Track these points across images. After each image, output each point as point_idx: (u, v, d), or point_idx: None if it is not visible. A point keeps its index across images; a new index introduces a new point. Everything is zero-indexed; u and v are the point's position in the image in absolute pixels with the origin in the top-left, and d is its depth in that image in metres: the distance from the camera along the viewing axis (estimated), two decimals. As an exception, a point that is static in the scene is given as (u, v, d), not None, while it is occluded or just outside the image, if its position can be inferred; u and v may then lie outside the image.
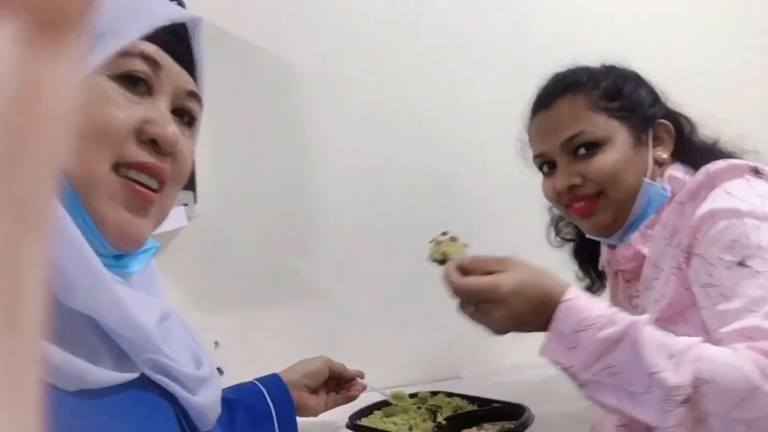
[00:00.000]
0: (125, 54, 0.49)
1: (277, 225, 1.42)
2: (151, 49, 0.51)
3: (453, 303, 1.54)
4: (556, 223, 1.12)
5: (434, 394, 1.14)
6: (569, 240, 1.11)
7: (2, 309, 0.15)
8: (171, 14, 0.52)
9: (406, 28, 1.49)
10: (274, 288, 1.42)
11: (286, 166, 1.43)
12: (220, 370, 1.24)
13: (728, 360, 0.65)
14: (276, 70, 1.40)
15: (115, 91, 0.49)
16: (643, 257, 0.88)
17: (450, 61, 1.52)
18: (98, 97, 0.48)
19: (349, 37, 1.45)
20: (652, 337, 0.69)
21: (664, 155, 0.91)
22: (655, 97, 0.94)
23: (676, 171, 0.89)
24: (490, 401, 1.08)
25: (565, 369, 0.74)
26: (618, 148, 0.89)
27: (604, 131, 0.89)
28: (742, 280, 0.71)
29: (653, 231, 0.88)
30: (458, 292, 0.80)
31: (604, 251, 1.00)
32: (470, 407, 1.08)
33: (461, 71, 1.53)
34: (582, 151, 0.89)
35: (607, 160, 0.88)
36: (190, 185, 1.24)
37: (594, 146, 0.89)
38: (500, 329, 0.79)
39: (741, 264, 0.72)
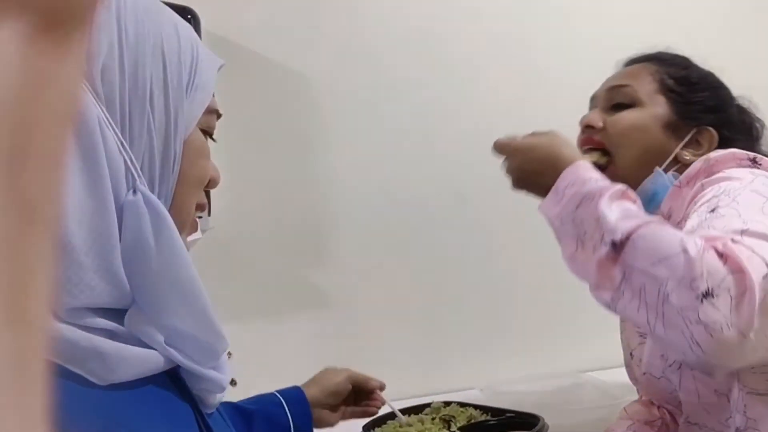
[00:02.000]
0: (209, 111, 0.55)
1: (290, 236, 1.43)
2: (216, 103, 0.57)
3: (468, 315, 1.54)
4: None
5: (447, 404, 1.14)
6: None
7: (9, 305, 0.15)
8: (218, 61, 0.57)
9: (418, 42, 1.50)
10: (287, 299, 1.43)
11: (299, 177, 1.44)
12: (233, 382, 1.25)
13: (672, 230, 0.66)
14: (289, 84, 1.42)
15: (206, 143, 0.55)
16: None
17: (462, 70, 1.53)
18: (201, 150, 0.54)
19: (363, 51, 1.46)
20: (621, 199, 0.70)
21: (689, 158, 0.89)
22: (721, 107, 0.93)
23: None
24: (504, 411, 1.08)
25: (549, 219, 0.77)
26: (645, 116, 0.90)
27: (645, 96, 0.91)
28: (707, 221, 0.71)
29: None
30: (495, 146, 0.87)
31: None
32: (484, 417, 1.08)
33: (473, 81, 1.54)
34: (619, 106, 0.92)
35: (626, 117, 0.90)
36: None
37: (629, 105, 0.91)
38: (513, 180, 0.85)
39: (712, 211, 0.72)
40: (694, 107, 0.91)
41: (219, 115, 0.57)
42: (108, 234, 0.45)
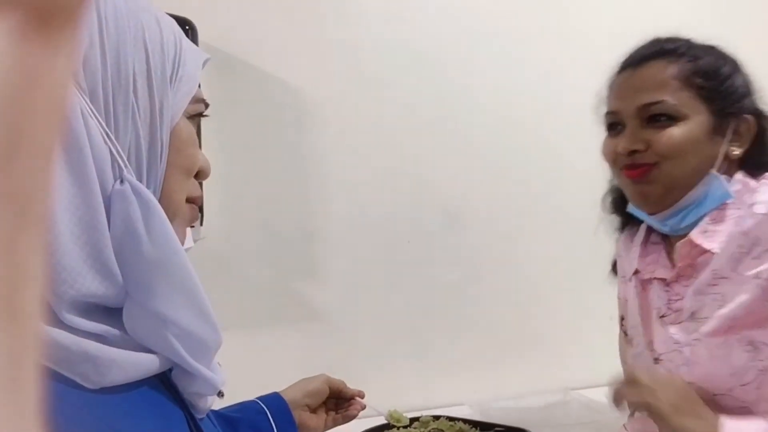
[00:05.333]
0: (196, 101, 0.55)
1: (282, 249, 1.43)
2: (203, 93, 0.57)
3: (457, 332, 1.54)
4: (613, 197, 1.05)
5: (436, 418, 1.14)
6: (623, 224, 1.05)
7: (1, 302, 0.14)
8: (202, 55, 0.58)
9: (413, 60, 1.51)
10: (277, 311, 1.43)
11: (291, 190, 1.44)
12: (221, 393, 1.24)
13: None
14: (284, 97, 1.43)
15: (194, 132, 0.55)
16: (701, 254, 0.86)
17: (456, 89, 1.55)
18: (188, 139, 0.54)
19: (358, 66, 1.47)
20: None
21: (737, 151, 0.87)
22: (748, 90, 0.89)
23: (746, 177, 0.86)
24: (493, 425, 1.08)
25: None
26: (692, 128, 0.85)
27: (686, 108, 0.85)
28: None
29: (716, 228, 0.85)
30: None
31: (634, 258, 0.97)
32: (473, 431, 1.08)
33: (466, 100, 1.55)
34: (655, 120, 0.86)
35: (676, 134, 0.84)
36: (198, 207, 1.25)
37: (669, 119, 0.85)
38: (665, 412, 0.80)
39: None
40: (728, 99, 0.87)
41: (206, 105, 0.57)
42: (96, 222, 0.45)
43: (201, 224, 1.28)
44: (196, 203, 0.56)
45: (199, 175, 0.56)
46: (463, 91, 1.55)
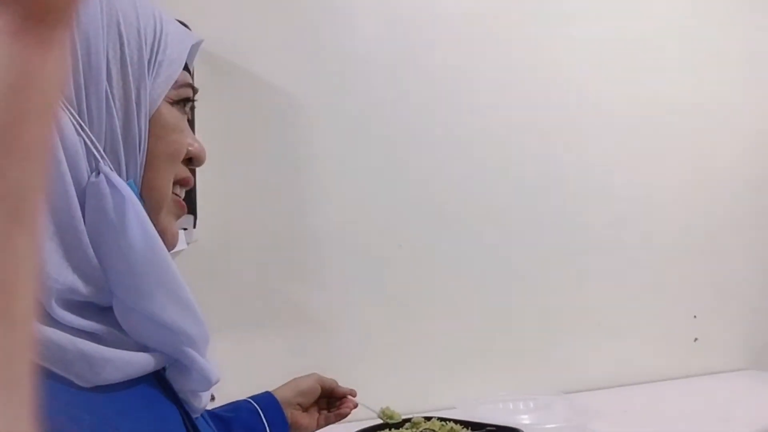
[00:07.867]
0: (181, 85, 0.53)
1: (274, 252, 1.43)
2: (190, 78, 0.55)
3: (445, 331, 1.55)
4: None
5: (428, 419, 1.14)
6: None
7: None
8: (192, 37, 0.56)
9: (405, 66, 1.52)
10: (269, 314, 1.43)
11: (285, 194, 1.45)
12: (212, 397, 1.24)
13: None
14: (279, 101, 1.43)
15: (179, 117, 0.53)
16: None
17: (449, 95, 1.55)
18: (171, 125, 0.52)
19: (352, 73, 1.48)
20: None
21: None
22: None
23: None
24: (484, 425, 1.08)
25: None
26: None
27: None
28: None
29: None
30: None
31: None
32: (464, 431, 1.08)
33: (458, 104, 1.56)
34: None
35: None
36: (191, 209, 1.25)
37: None
38: None
39: None
40: None
41: (195, 90, 0.55)
42: (69, 217, 0.44)
43: (194, 227, 1.28)
44: (184, 185, 0.55)
45: (193, 162, 0.55)
46: (456, 94, 1.56)
